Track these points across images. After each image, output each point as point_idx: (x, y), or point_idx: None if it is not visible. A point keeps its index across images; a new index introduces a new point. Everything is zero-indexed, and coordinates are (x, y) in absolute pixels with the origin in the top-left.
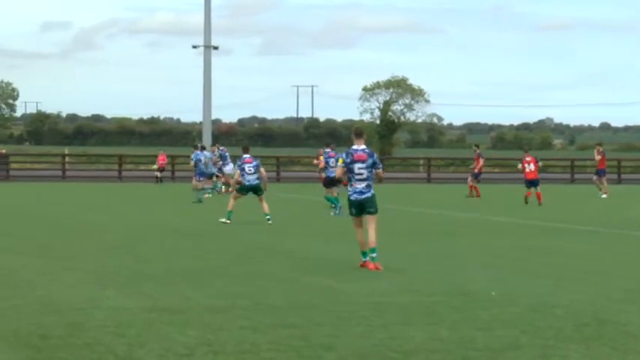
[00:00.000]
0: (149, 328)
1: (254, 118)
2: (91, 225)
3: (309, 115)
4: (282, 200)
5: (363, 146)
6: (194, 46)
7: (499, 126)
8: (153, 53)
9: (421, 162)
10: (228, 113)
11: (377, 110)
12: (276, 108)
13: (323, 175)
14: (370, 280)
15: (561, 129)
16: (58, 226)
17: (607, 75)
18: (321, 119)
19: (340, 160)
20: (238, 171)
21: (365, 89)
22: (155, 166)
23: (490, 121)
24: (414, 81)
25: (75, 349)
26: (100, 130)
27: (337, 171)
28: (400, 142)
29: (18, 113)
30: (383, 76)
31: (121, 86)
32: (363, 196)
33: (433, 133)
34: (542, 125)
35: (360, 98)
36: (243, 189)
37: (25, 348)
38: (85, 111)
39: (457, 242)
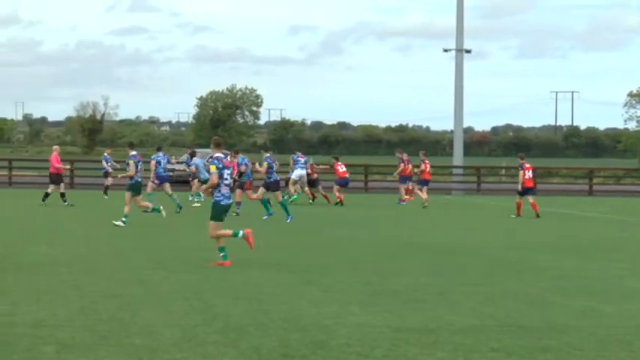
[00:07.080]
0: (396, 348)
1: (508, 126)
2: (339, 239)
3: (569, 124)
4: (534, 213)
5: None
6: (445, 50)
7: None
8: (402, 57)
9: None
10: (481, 121)
11: None
12: (533, 115)
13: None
14: (633, 301)
15: None
16: (298, 240)
17: None
18: (582, 128)
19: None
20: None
21: (630, 95)
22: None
23: None
24: None
25: None
26: (345, 139)
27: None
28: None
29: (261, 121)
30: None
31: (368, 92)
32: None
33: None
34: None
35: (625, 105)
36: None
37: None
38: (330, 118)
39: None
